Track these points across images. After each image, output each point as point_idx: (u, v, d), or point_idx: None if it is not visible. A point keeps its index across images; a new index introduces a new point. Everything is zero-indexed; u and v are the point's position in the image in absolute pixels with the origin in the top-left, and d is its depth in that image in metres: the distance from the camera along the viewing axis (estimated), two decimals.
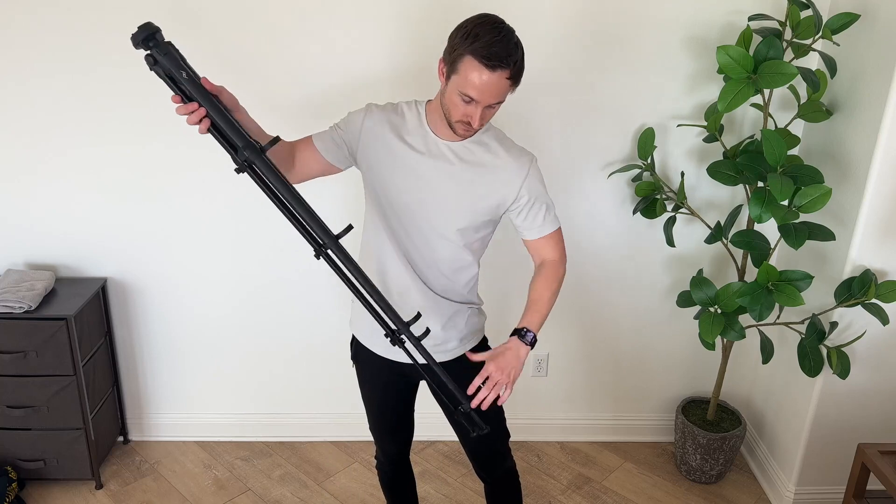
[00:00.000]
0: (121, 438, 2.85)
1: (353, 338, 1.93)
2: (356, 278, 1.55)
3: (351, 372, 2.05)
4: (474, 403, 1.63)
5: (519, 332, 1.70)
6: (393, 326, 1.60)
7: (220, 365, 2.77)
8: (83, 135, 2.42)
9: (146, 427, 2.86)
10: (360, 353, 1.91)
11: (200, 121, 1.45)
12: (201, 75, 1.47)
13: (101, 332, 2.62)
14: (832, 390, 2.36)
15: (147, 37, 1.40)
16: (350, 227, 1.53)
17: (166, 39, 1.42)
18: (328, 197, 2.47)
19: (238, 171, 1.49)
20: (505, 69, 1.51)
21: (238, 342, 2.74)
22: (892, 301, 2.13)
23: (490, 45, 1.49)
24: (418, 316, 1.63)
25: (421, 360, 1.69)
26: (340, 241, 1.52)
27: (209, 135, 1.48)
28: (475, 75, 1.51)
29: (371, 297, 1.56)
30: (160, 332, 2.71)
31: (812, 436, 2.43)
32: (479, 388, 1.64)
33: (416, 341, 1.59)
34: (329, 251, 1.53)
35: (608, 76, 2.40)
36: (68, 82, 2.34)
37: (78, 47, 2.31)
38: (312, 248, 1.54)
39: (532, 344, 1.70)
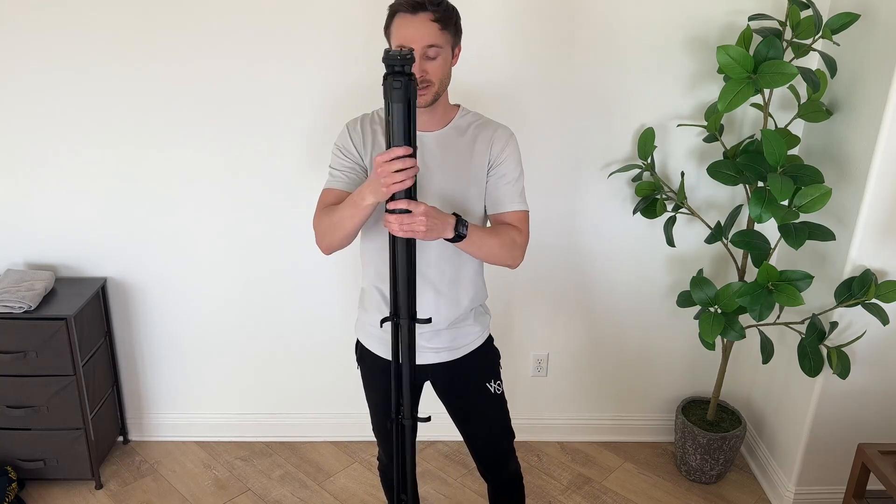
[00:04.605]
0: (121, 438, 2.85)
1: (358, 341, 1.93)
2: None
3: (351, 372, 2.05)
4: (390, 206, 1.47)
5: (459, 219, 1.58)
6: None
7: (220, 365, 2.77)
8: (83, 135, 2.42)
9: (146, 427, 2.86)
10: (365, 356, 1.91)
11: (403, 179, 1.40)
12: None
13: (101, 332, 2.62)
14: (832, 390, 2.36)
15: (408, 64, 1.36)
16: None
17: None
18: None
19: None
20: (427, 11, 1.56)
21: (238, 342, 2.74)
22: (892, 301, 2.13)
23: None
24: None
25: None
26: None
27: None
28: (402, 23, 1.57)
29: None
30: (160, 332, 2.71)
31: (812, 436, 2.43)
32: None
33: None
34: None
35: (608, 76, 2.39)
36: (69, 83, 2.34)
37: (79, 48, 2.31)
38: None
39: (458, 232, 1.57)
